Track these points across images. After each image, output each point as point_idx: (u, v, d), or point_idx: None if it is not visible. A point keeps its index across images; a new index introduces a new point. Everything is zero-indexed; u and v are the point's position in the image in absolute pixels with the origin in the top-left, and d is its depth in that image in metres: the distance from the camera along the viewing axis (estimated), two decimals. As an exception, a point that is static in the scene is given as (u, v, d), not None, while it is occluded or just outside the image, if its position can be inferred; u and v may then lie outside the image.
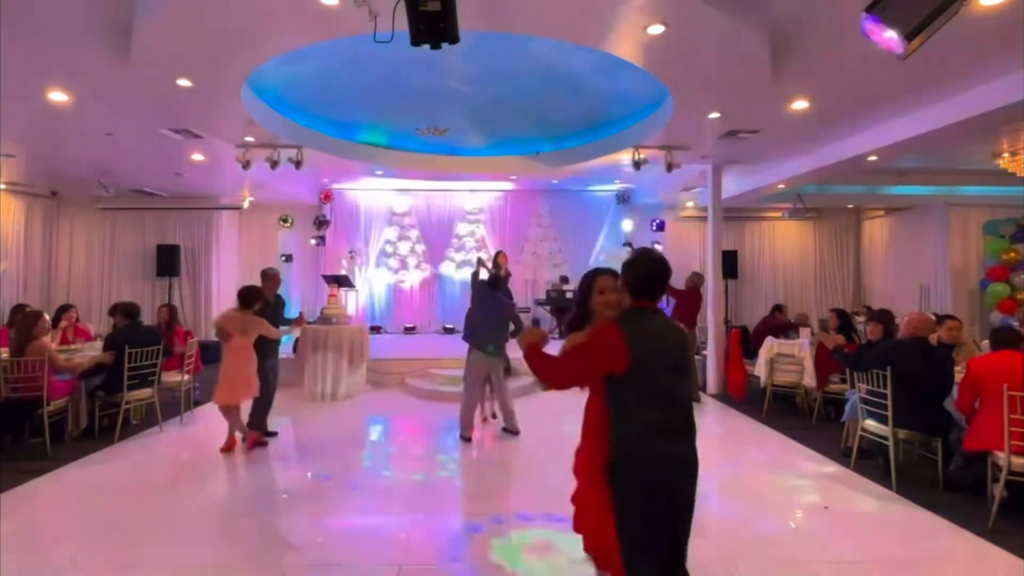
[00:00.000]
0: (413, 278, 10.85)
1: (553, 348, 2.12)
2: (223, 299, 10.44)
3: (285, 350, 6.08)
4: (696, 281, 7.01)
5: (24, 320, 4.89)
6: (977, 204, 9.28)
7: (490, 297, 5.46)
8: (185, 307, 10.18)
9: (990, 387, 3.56)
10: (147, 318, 6.46)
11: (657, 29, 3.69)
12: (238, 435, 4.98)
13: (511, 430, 5.44)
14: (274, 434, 5.29)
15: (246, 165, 6.65)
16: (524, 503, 3.91)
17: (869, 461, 4.48)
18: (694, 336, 7.03)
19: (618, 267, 2.27)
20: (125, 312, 5.49)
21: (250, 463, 4.71)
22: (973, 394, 3.73)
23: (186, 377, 5.93)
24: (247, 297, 4.88)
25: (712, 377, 7.49)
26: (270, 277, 5.40)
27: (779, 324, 7.00)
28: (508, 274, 7.41)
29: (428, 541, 3.39)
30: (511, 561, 3.10)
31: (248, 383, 4.86)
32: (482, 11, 3.51)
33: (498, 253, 6.60)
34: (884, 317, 5.24)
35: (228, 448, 4.88)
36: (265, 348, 5.07)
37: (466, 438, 5.29)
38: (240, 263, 10.84)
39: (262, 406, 5.17)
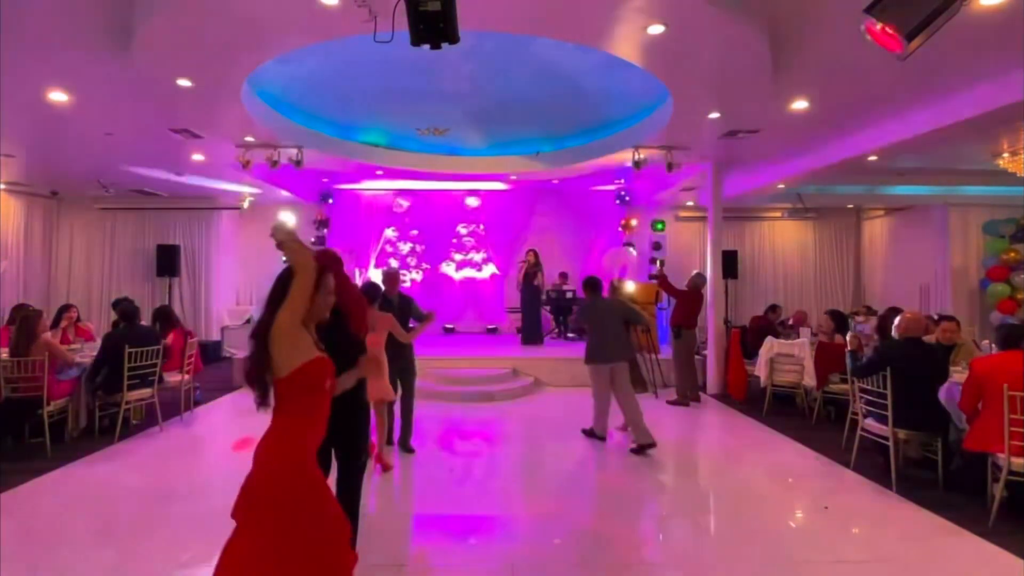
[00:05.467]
0: (413, 278, 10.85)
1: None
2: (223, 299, 10.45)
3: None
4: (697, 282, 7.00)
5: (26, 320, 4.89)
6: (977, 204, 9.26)
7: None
8: (185, 307, 10.17)
9: (992, 388, 3.55)
10: (147, 318, 6.44)
11: (657, 29, 3.69)
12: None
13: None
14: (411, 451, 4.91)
15: (246, 165, 6.66)
16: (523, 501, 3.91)
17: (869, 461, 4.48)
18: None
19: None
20: (122, 315, 5.48)
21: (249, 463, 4.69)
22: (976, 395, 3.72)
23: (186, 377, 5.93)
24: (368, 295, 4.37)
25: (712, 377, 7.49)
26: (390, 277, 5.05)
27: (770, 324, 6.97)
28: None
29: (428, 541, 3.39)
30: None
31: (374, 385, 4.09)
32: (482, 11, 3.50)
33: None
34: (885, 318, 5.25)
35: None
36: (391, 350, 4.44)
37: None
38: (240, 263, 10.84)
39: (402, 416, 4.85)
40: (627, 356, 5.22)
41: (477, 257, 10.86)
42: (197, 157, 7.11)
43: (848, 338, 5.53)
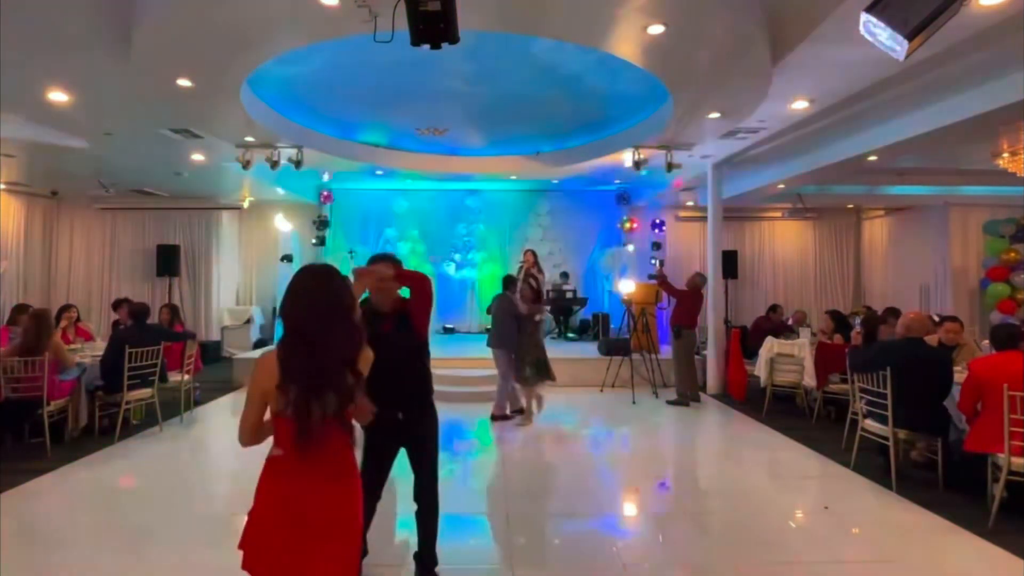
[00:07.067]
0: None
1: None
2: (223, 299, 10.45)
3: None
4: (698, 282, 6.99)
5: (38, 318, 4.86)
6: (977, 204, 9.27)
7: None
8: (185, 307, 10.15)
9: (992, 389, 3.55)
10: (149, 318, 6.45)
11: (657, 29, 3.69)
12: None
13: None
14: None
15: (246, 165, 6.65)
16: (523, 502, 3.91)
17: (869, 461, 4.48)
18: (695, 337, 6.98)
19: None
20: (132, 313, 5.51)
21: (250, 463, 4.70)
22: (975, 396, 3.72)
23: (186, 377, 5.93)
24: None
25: (712, 377, 7.49)
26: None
27: (774, 325, 6.99)
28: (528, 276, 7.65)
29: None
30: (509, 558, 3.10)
31: None
32: (482, 11, 3.50)
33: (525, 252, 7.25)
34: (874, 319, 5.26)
35: None
36: None
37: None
38: (240, 263, 10.84)
39: None
40: (502, 346, 5.97)
41: (477, 257, 10.86)
42: (197, 157, 7.11)
43: (852, 335, 5.53)
